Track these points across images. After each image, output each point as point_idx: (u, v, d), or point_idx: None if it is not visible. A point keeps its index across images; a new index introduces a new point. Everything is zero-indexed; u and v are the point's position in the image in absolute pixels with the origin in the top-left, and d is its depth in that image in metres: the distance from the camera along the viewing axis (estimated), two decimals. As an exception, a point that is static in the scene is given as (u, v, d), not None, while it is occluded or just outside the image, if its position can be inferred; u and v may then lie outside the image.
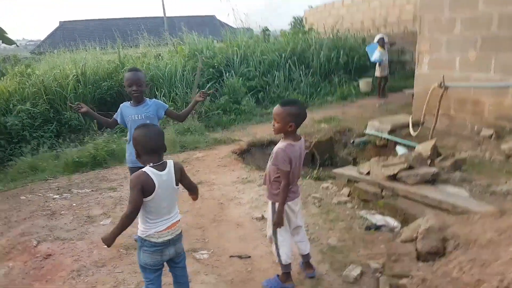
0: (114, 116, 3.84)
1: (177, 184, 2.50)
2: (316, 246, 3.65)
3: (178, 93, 9.91)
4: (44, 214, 4.81)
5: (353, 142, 7.60)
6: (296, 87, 11.51)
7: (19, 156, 7.59)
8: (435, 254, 3.03)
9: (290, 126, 2.81)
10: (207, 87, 10.22)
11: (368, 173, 4.67)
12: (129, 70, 3.80)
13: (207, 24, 23.90)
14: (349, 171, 4.97)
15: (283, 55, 11.99)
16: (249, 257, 3.61)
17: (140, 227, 2.47)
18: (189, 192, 2.75)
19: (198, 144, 7.67)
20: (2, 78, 9.88)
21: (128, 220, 2.34)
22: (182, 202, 4.92)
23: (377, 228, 3.88)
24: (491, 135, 5.89)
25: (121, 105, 3.84)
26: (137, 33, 14.56)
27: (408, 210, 4.05)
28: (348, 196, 4.62)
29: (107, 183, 5.97)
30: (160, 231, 2.45)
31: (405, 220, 3.96)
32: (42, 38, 32.33)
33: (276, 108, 2.86)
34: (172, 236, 2.51)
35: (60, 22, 31.54)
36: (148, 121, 3.70)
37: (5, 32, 6.50)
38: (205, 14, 34.60)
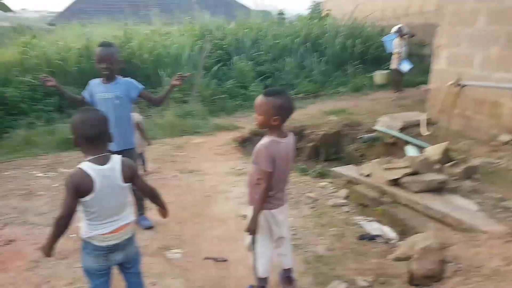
0: (82, 93, 3.54)
1: (126, 182, 2.14)
2: (301, 254, 3.30)
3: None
4: (21, 193, 4.55)
5: (361, 137, 7.17)
6: (307, 74, 11.01)
7: (16, 128, 7.37)
8: (431, 278, 2.65)
9: (274, 120, 2.40)
10: (215, 68, 9.84)
11: (369, 175, 4.28)
12: (100, 44, 3.44)
13: (224, 4, 23.32)
14: (349, 171, 4.59)
15: (296, 41, 11.47)
16: (226, 260, 3.28)
17: (82, 227, 2.13)
18: (154, 203, 2.40)
19: (198, 129, 7.34)
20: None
21: (61, 226, 1.99)
22: (168, 190, 4.67)
23: (372, 238, 3.50)
24: (509, 141, 5.40)
25: (90, 81, 3.54)
26: (149, 9, 14.16)
27: (408, 221, 3.67)
28: (345, 198, 4.24)
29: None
30: (103, 234, 2.10)
31: (404, 231, 3.58)
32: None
33: (259, 99, 2.45)
34: (119, 241, 2.15)
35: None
36: (117, 101, 3.44)
37: None
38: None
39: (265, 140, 2.47)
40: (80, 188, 1.97)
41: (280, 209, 2.62)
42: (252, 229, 2.55)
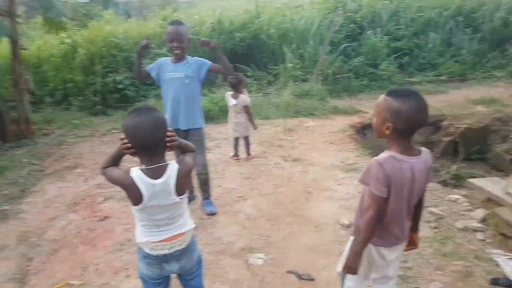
0: (147, 68, 3.47)
1: (180, 194, 1.79)
2: (408, 290, 2.59)
3: (308, 50, 8.96)
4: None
5: (514, 137, 5.72)
6: (454, 53, 9.37)
7: (148, 98, 7.81)
8: None
9: (386, 127, 1.77)
10: (343, 44, 9.01)
11: (521, 194, 3.20)
12: (170, 23, 3.35)
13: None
14: (491, 185, 3.50)
15: (445, 14, 9.79)
16: (312, 279, 2.75)
17: (136, 230, 1.89)
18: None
19: (314, 111, 6.79)
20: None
21: None
22: (267, 180, 4.31)
23: (509, 285, 2.56)
24: None
25: (159, 59, 3.50)
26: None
27: None
28: (482, 222, 3.24)
29: (206, 141, 5.60)
30: (153, 242, 1.83)
31: None
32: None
33: (380, 97, 1.85)
34: (170, 251, 1.85)
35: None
36: (187, 81, 3.34)
37: None
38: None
39: (383, 154, 1.81)
40: (129, 194, 1.74)
41: (394, 248, 1.97)
42: (351, 268, 1.93)
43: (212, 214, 3.63)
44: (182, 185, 1.81)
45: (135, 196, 1.73)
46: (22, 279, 2.84)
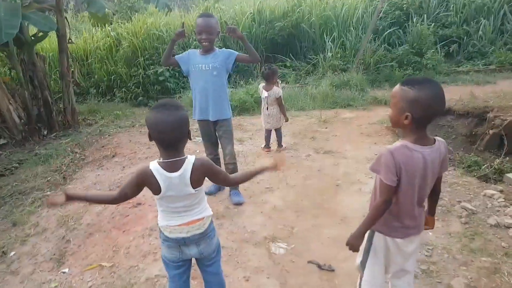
0: (177, 57, 3.51)
1: (197, 187, 1.87)
2: (430, 285, 2.50)
3: (350, 38, 8.73)
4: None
5: None
6: (508, 41, 8.75)
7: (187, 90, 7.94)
8: None
9: (405, 117, 1.74)
10: (387, 31, 8.69)
11: None
12: (200, 16, 3.41)
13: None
14: (532, 180, 3.29)
15: (500, -1, 9.17)
16: (332, 270, 2.72)
17: (158, 214, 2.02)
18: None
19: (352, 101, 6.64)
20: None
21: (111, 202, 2.00)
22: (296, 172, 4.28)
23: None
24: None
25: (189, 50, 3.55)
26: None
27: None
28: (517, 219, 3.07)
29: (240, 132, 5.67)
30: (172, 226, 1.94)
31: None
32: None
33: (395, 87, 1.83)
34: (187, 235, 1.94)
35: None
36: (215, 73, 3.39)
37: None
38: None
39: (395, 144, 1.81)
40: (146, 185, 1.87)
41: (409, 239, 1.95)
42: (352, 245, 1.95)
43: (239, 204, 3.67)
44: (198, 178, 1.87)
45: (154, 187, 1.83)
46: (59, 260, 3.04)
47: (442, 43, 8.79)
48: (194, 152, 4.90)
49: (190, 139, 1.91)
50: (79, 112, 6.75)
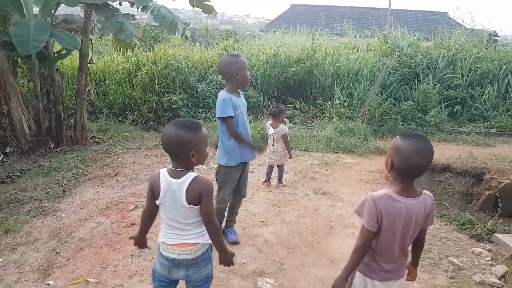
0: (228, 113, 3.16)
1: (192, 203, 1.94)
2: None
3: (358, 89, 9.00)
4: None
5: None
6: (510, 107, 8.99)
7: (198, 119, 8.14)
8: None
9: (390, 163, 1.85)
10: (394, 86, 8.95)
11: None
12: (236, 55, 3.37)
13: (436, 21, 21.29)
14: (519, 242, 3.34)
15: (506, 67, 9.46)
16: (316, 310, 2.76)
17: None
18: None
19: (355, 148, 6.77)
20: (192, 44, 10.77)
21: (143, 218, 2.19)
22: (292, 209, 4.34)
23: None
24: None
25: (227, 96, 3.16)
26: (344, 21, 14.05)
27: None
28: (501, 279, 3.09)
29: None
30: (166, 243, 2.02)
31: None
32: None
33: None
34: (178, 257, 1.99)
35: (291, 4, 33.32)
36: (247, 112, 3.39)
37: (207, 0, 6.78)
38: (437, 10, 31.16)
39: (379, 191, 1.90)
40: (153, 190, 2.01)
41: (387, 283, 2.00)
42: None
43: (235, 243, 3.56)
44: (194, 194, 1.91)
45: (156, 190, 1.97)
46: (46, 271, 3.06)
47: (446, 103, 9.01)
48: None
49: (180, 158, 1.94)
50: (89, 130, 6.90)
